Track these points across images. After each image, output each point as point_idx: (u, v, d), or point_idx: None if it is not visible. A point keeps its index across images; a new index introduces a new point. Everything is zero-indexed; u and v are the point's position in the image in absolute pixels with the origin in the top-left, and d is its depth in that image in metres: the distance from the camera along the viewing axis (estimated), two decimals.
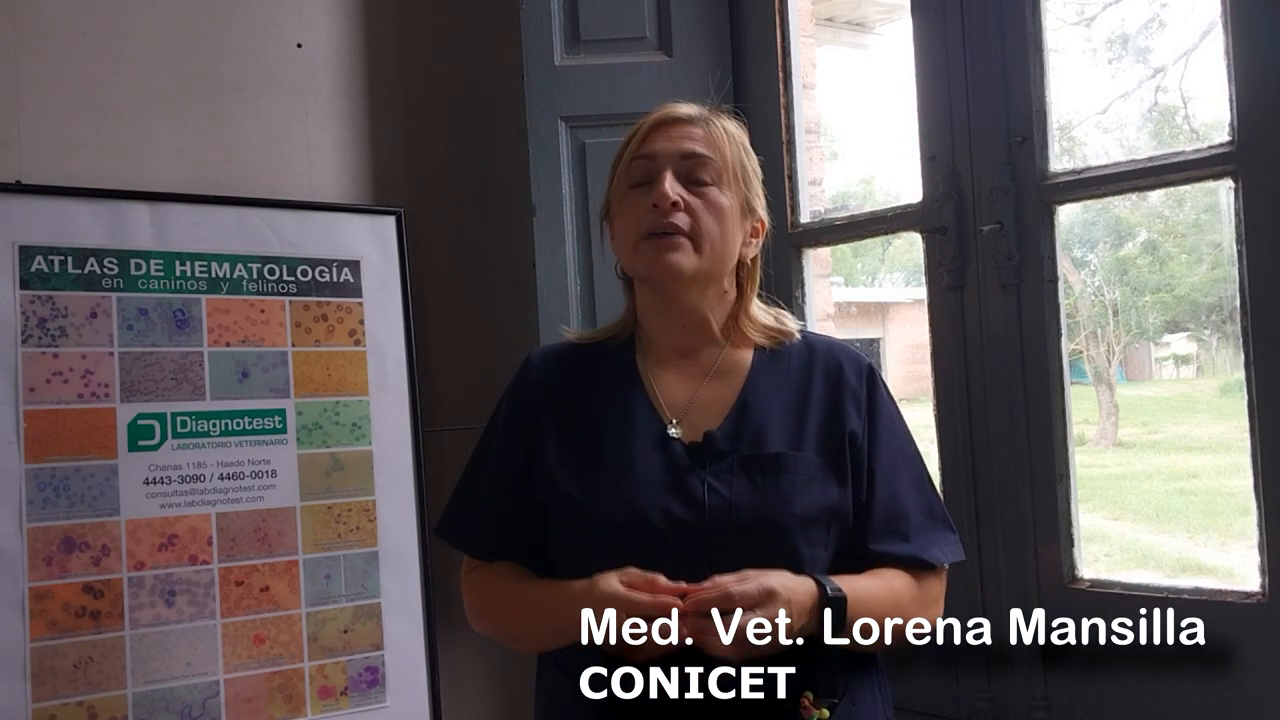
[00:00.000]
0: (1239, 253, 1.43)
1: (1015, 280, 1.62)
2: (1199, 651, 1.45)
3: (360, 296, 1.89)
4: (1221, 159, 1.45)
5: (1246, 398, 1.44)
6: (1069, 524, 1.60)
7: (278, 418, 1.80)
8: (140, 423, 1.69)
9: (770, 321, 1.34)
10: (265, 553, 1.76)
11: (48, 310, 1.65)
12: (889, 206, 1.83)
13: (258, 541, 1.76)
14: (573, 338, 1.39)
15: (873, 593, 1.20)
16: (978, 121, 1.66)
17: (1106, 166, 1.58)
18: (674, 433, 1.25)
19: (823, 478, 1.23)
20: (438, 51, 2.09)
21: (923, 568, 1.26)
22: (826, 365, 1.30)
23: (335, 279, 1.88)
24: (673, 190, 1.23)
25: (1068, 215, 2.07)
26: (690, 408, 1.28)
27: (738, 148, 1.29)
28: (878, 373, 1.32)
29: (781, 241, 1.90)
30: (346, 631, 1.81)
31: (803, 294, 1.94)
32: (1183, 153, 1.50)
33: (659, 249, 1.23)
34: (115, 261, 1.70)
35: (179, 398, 1.72)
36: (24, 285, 1.64)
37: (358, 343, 1.88)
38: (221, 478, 1.74)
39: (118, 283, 1.70)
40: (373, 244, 1.92)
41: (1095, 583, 1.57)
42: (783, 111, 1.94)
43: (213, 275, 1.78)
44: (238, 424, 1.77)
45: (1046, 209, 1.61)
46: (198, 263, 1.77)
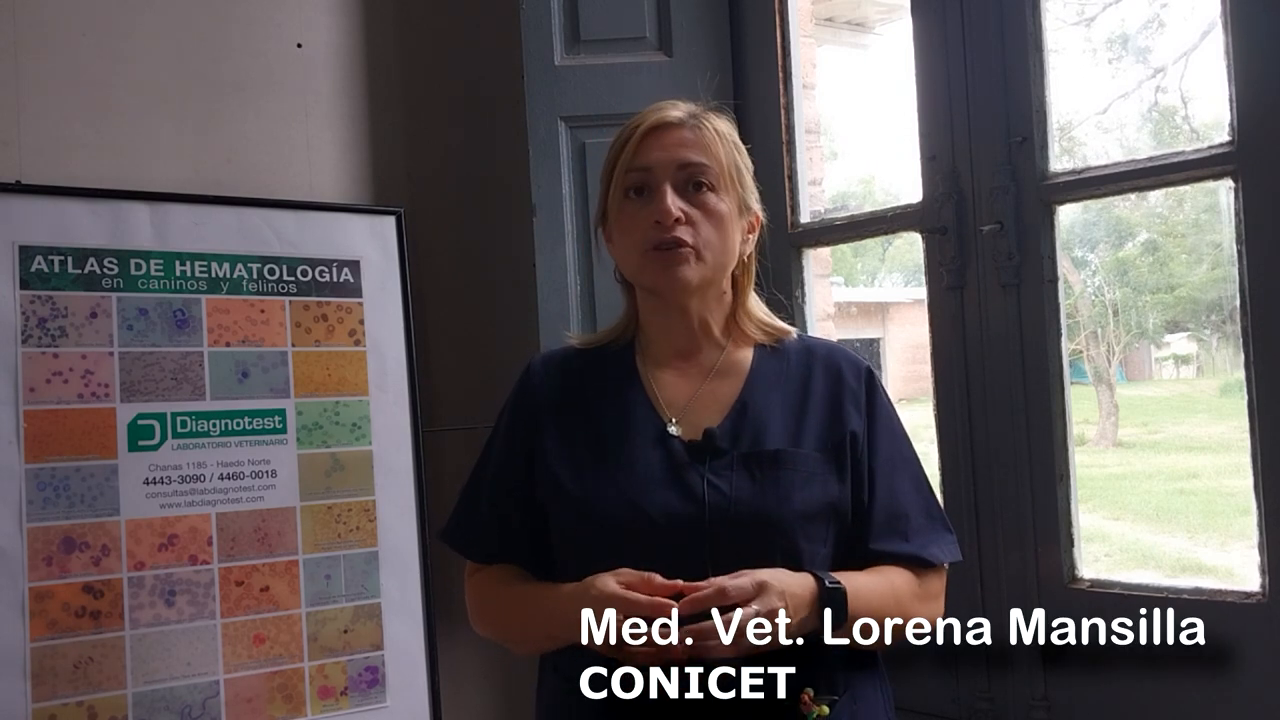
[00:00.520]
0: (1239, 253, 1.43)
1: (1015, 280, 1.62)
2: (1199, 651, 1.45)
3: (360, 296, 1.89)
4: (1221, 159, 1.45)
5: (1246, 398, 1.44)
6: (1069, 524, 1.60)
7: (278, 418, 1.80)
8: (140, 423, 1.69)
9: (767, 316, 1.35)
10: (265, 553, 1.76)
11: (48, 310, 1.65)
12: (889, 206, 1.83)
13: (258, 541, 1.76)
14: (575, 342, 1.40)
15: (873, 588, 1.21)
16: (978, 121, 1.66)
17: (1106, 166, 1.58)
18: (674, 431, 1.26)
19: (822, 474, 1.24)
20: (438, 51, 2.09)
21: (922, 566, 1.27)
22: (826, 366, 1.31)
23: (335, 279, 1.88)
24: (674, 206, 1.23)
25: (1068, 215, 2.07)
26: (690, 407, 1.28)
27: (730, 147, 1.30)
28: (876, 375, 1.33)
29: (781, 241, 1.90)
30: (346, 631, 1.81)
31: (803, 294, 1.94)
32: (1183, 153, 1.50)
33: (665, 264, 1.24)
34: (115, 261, 1.71)
35: (179, 398, 1.72)
36: (24, 285, 1.64)
37: (358, 343, 1.88)
38: (221, 478, 1.74)
39: (118, 283, 1.70)
40: (373, 244, 1.92)
41: (1095, 583, 1.57)
42: (783, 111, 1.94)
43: (213, 275, 1.78)
44: (238, 424, 1.77)
45: (1046, 209, 1.61)
46: (198, 263, 1.77)
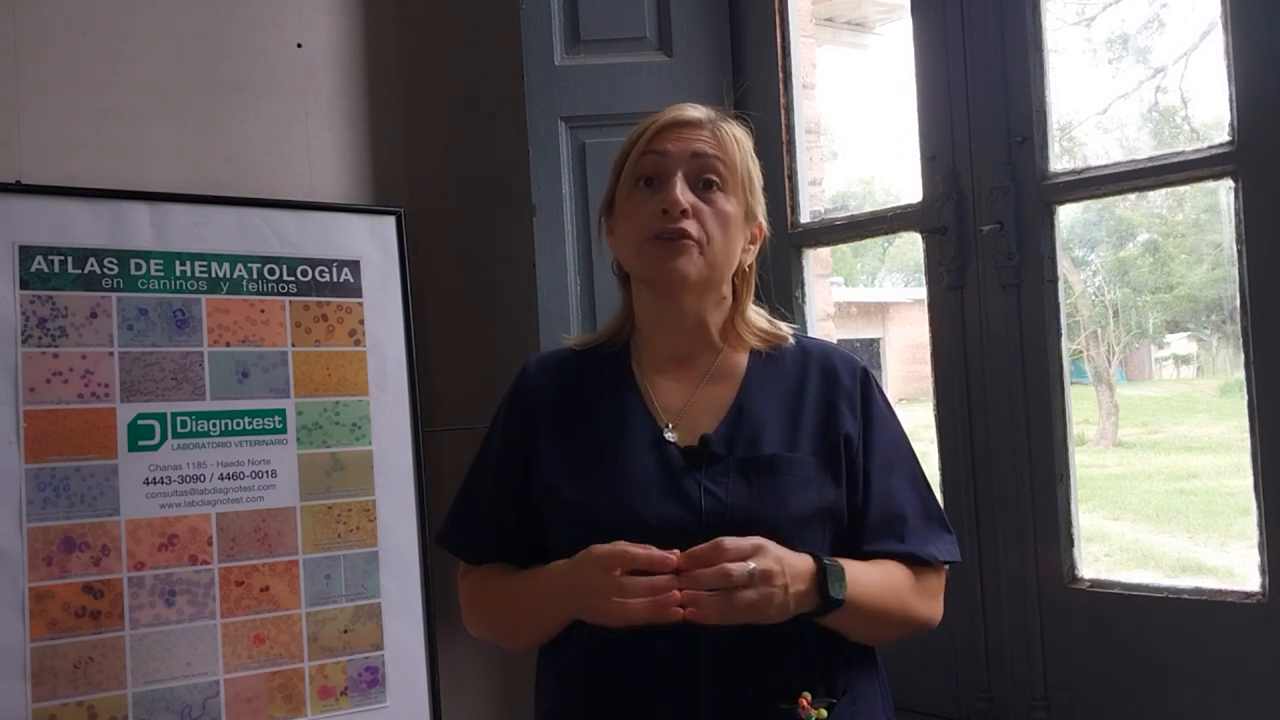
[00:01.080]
0: (1239, 253, 1.43)
1: (1015, 280, 1.62)
2: (1199, 651, 1.45)
3: (360, 296, 1.90)
4: (1221, 159, 1.45)
5: (1246, 398, 1.44)
6: (1069, 524, 1.59)
7: (278, 418, 1.80)
8: (140, 423, 1.69)
9: (765, 324, 1.34)
10: (265, 553, 1.76)
11: (48, 310, 1.65)
12: (889, 206, 1.83)
13: (258, 541, 1.76)
14: (572, 343, 1.39)
15: (870, 575, 1.21)
16: (978, 121, 1.66)
17: (1106, 166, 1.58)
18: (669, 436, 1.25)
19: (818, 479, 1.23)
20: (438, 51, 2.09)
21: (920, 565, 1.26)
22: (821, 368, 1.31)
23: (335, 279, 1.88)
24: (684, 196, 1.23)
25: (1068, 215, 2.07)
26: (686, 411, 1.28)
27: (745, 154, 1.30)
28: (872, 375, 1.33)
29: (781, 241, 1.90)
30: (346, 631, 1.81)
31: (803, 294, 1.94)
32: (1183, 153, 1.50)
33: (665, 253, 1.23)
34: (115, 261, 1.71)
35: (179, 398, 1.72)
36: (24, 285, 1.64)
37: (358, 343, 1.88)
38: (221, 478, 1.75)
39: (118, 283, 1.70)
40: (373, 244, 1.92)
41: (1095, 583, 1.57)
42: (783, 111, 1.94)
43: (213, 275, 1.78)
44: (238, 424, 1.77)
45: (1046, 209, 1.61)
46: (198, 263, 1.77)
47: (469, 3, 2.11)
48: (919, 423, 1.80)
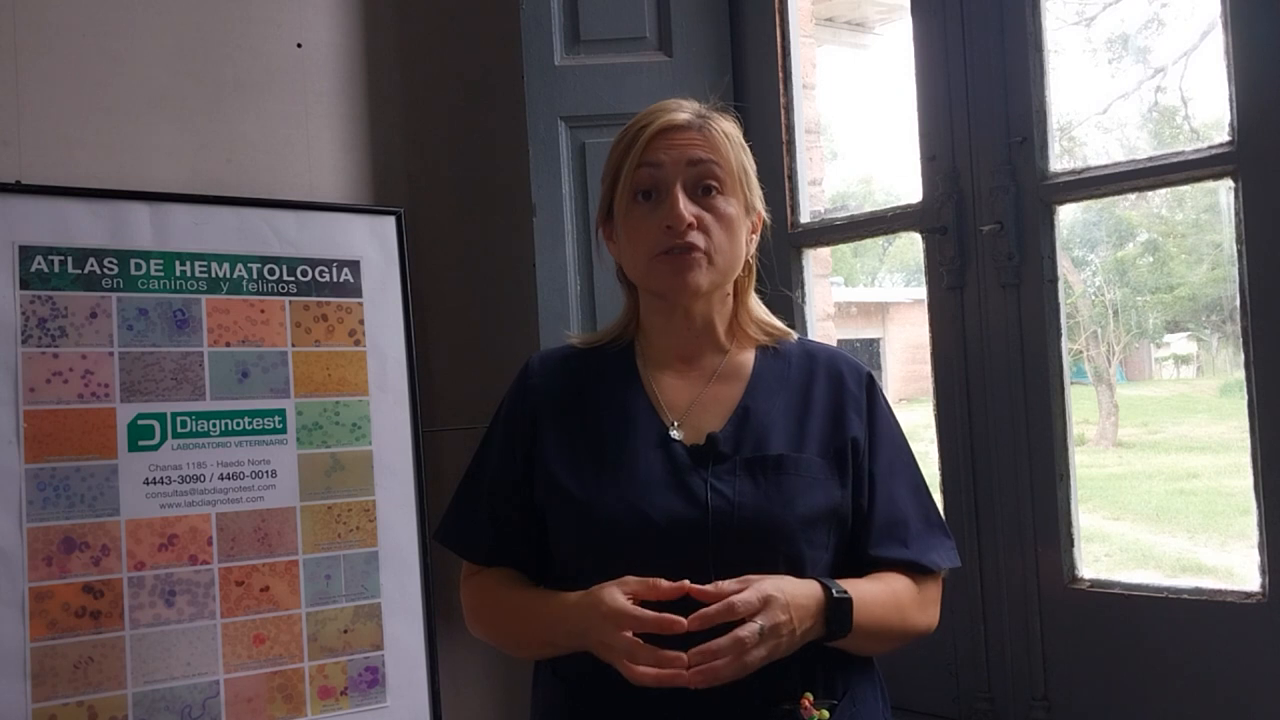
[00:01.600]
0: (1239, 253, 1.43)
1: (1015, 280, 1.62)
2: (1199, 651, 1.45)
3: (360, 296, 1.90)
4: (1221, 159, 1.45)
5: (1246, 398, 1.44)
6: (1069, 524, 1.59)
7: (278, 418, 1.80)
8: (140, 423, 1.69)
9: (767, 317, 1.34)
10: (265, 553, 1.76)
11: (48, 310, 1.65)
12: (889, 206, 1.83)
13: (258, 541, 1.76)
14: (575, 341, 1.39)
15: (876, 596, 1.21)
16: (978, 121, 1.66)
17: (1106, 166, 1.58)
18: (675, 435, 1.25)
19: (825, 480, 1.23)
20: (437, 52, 2.09)
21: (921, 572, 1.27)
22: (828, 372, 1.31)
23: (335, 279, 1.88)
24: (687, 210, 1.23)
25: (1068, 215, 2.07)
26: (691, 410, 1.28)
27: (737, 149, 1.29)
28: (876, 381, 1.33)
29: (781, 242, 1.90)
30: (346, 631, 1.81)
31: (803, 294, 1.94)
32: (1183, 153, 1.50)
33: (676, 268, 1.23)
34: (115, 261, 1.71)
35: (179, 398, 1.72)
36: (24, 285, 1.64)
37: (358, 343, 1.88)
38: (221, 478, 1.75)
39: (118, 283, 1.70)
40: (373, 244, 1.92)
41: (1095, 583, 1.57)
42: (783, 111, 1.94)
43: (213, 275, 1.78)
44: (238, 424, 1.77)
45: (1046, 209, 1.61)
46: (198, 263, 1.77)
47: (469, 3, 2.11)
48: (919, 423, 1.80)
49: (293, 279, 1.84)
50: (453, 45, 2.10)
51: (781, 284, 1.90)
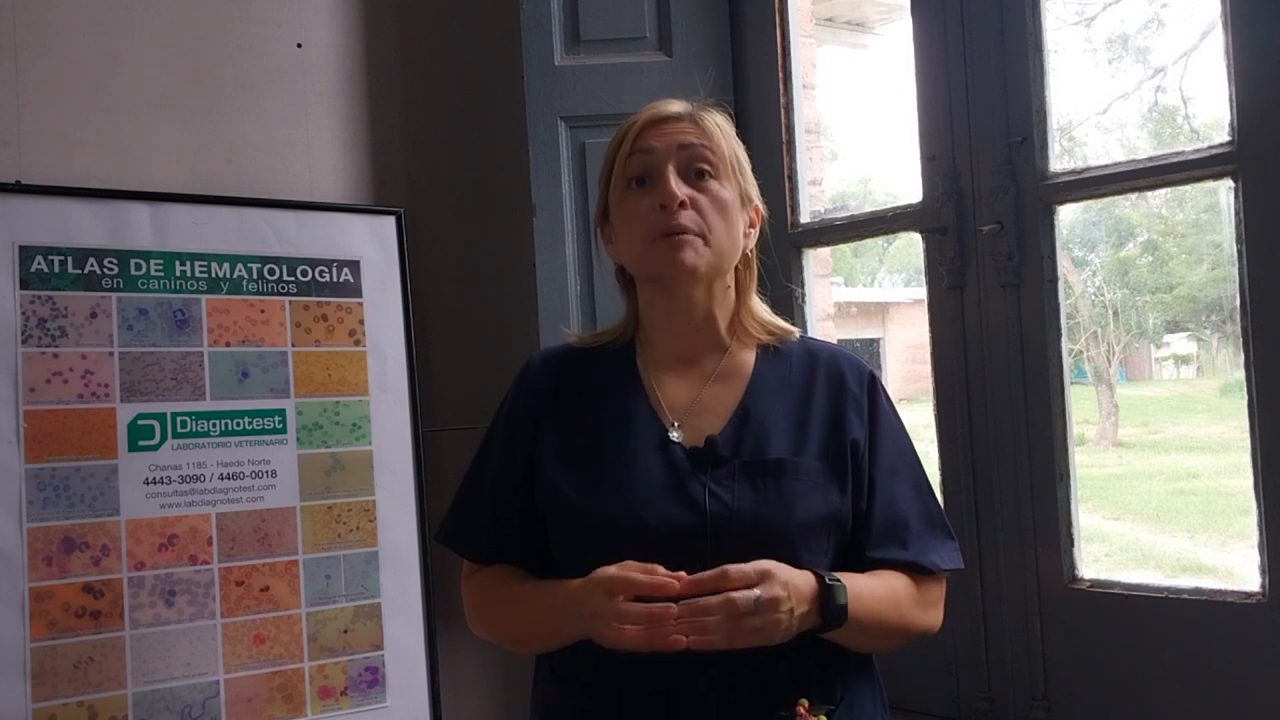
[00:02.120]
0: (1239, 253, 1.43)
1: (1015, 280, 1.62)
2: (1199, 651, 1.45)
3: (360, 296, 1.90)
4: (1221, 159, 1.45)
5: (1246, 398, 1.44)
6: (1069, 524, 1.59)
7: (278, 418, 1.80)
8: (140, 423, 1.69)
9: (769, 315, 1.34)
10: (265, 553, 1.76)
11: (48, 310, 1.65)
12: (889, 206, 1.83)
13: (258, 541, 1.76)
14: (574, 340, 1.38)
15: (874, 591, 1.20)
16: (978, 121, 1.66)
17: (1106, 166, 1.58)
18: (675, 437, 1.25)
19: (824, 484, 1.22)
20: (437, 51, 2.09)
21: (921, 573, 1.26)
22: (829, 372, 1.30)
23: (335, 279, 1.88)
24: (679, 189, 1.22)
25: (1068, 215, 2.07)
26: (691, 411, 1.27)
27: (730, 139, 1.29)
28: (879, 380, 1.32)
29: (781, 241, 1.90)
30: (346, 631, 1.81)
31: (803, 294, 1.94)
32: (1183, 153, 1.50)
33: (671, 248, 1.22)
34: (115, 261, 1.71)
35: (179, 398, 1.72)
36: (24, 285, 1.64)
37: (358, 343, 1.88)
38: (221, 478, 1.75)
39: (118, 283, 1.70)
40: (373, 244, 1.92)
41: (1095, 583, 1.57)
42: (783, 111, 1.94)
43: (213, 275, 1.78)
44: (238, 424, 1.77)
45: (1046, 209, 1.61)
46: (198, 263, 1.77)
47: (469, 3, 2.11)
48: (919, 423, 1.80)
49: (293, 279, 1.84)
50: (453, 45, 2.10)
51: (781, 284, 1.90)
